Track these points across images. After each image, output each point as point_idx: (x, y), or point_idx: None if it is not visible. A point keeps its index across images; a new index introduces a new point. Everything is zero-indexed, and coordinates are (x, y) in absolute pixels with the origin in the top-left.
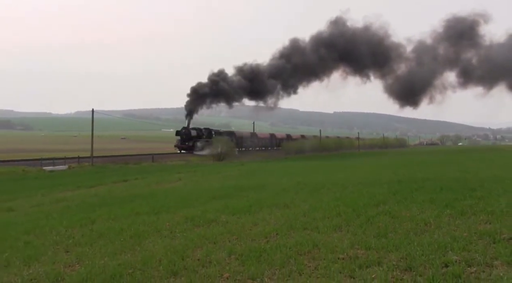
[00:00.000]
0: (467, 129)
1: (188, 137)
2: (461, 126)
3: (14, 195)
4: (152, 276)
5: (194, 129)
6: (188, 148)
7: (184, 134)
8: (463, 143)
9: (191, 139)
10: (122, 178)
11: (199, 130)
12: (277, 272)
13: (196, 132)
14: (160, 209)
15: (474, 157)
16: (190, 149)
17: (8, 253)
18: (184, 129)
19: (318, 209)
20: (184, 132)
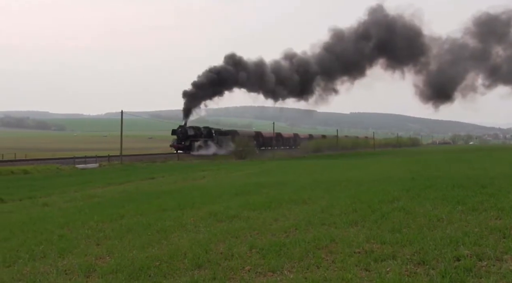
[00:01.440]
0: (478, 129)
1: (184, 136)
2: (472, 126)
3: (49, 191)
4: (178, 268)
5: (192, 128)
6: (184, 148)
7: (180, 133)
8: (474, 142)
9: (188, 139)
10: (149, 176)
11: (197, 129)
12: (296, 265)
13: (193, 131)
14: (185, 205)
15: (484, 155)
16: (187, 149)
17: (44, 246)
18: (180, 128)
19: (335, 205)
20: (181, 131)
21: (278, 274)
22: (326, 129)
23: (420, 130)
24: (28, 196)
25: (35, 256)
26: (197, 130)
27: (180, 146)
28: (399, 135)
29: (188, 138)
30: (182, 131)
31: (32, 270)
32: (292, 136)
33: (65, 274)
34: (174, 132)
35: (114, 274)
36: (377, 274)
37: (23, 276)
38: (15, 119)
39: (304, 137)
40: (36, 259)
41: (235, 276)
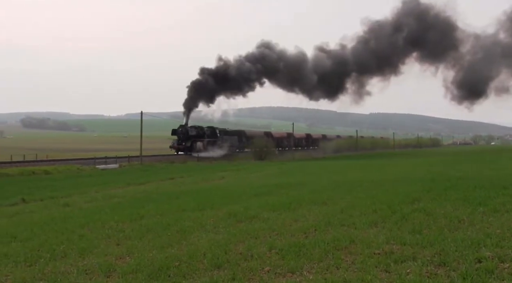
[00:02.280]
0: (500, 129)
1: (185, 136)
2: (494, 126)
3: (70, 192)
4: (197, 268)
5: (194, 128)
6: (185, 149)
7: (181, 133)
8: (496, 142)
9: (189, 139)
10: (169, 176)
11: (200, 129)
12: (316, 266)
13: (195, 131)
14: (204, 206)
15: (506, 156)
16: (188, 150)
17: (64, 245)
18: (181, 128)
19: (354, 206)
20: (181, 130)
21: (297, 275)
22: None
23: (441, 131)
24: (49, 196)
25: (56, 256)
26: (199, 130)
27: (181, 147)
28: (419, 135)
29: (190, 139)
30: (183, 131)
31: (53, 270)
32: (305, 136)
33: (86, 273)
34: (174, 132)
35: (134, 274)
36: (397, 276)
37: (44, 276)
38: (37, 120)
39: (300, 136)
40: (57, 258)
41: (255, 277)
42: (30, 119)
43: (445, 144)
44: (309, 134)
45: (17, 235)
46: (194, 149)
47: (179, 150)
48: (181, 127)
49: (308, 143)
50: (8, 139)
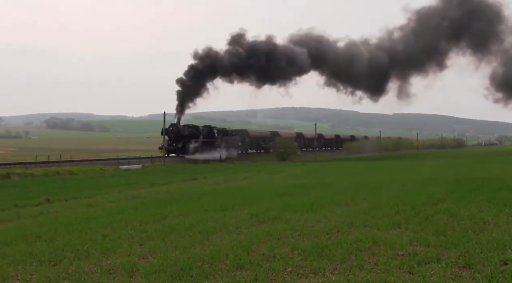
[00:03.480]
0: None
1: (177, 136)
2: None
3: (93, 192)
4: (220, 269)
5: (187, 127)
6: (177, 151)
7: (172, 133)
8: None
9: (181, 140)
10: (192, 177)
11: (195, 128)
12: (338, 267)
13: (188, 130)
14: (227, 206)
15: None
16: (180, 152)
17: (88, 245)
18: (172, 127)
19: (377, 207)
20: (172, 130)
21: (320, 276)
22: (369, 130)
23: (466, 131)
24: (73, 197)
25: (80, 255)
26: (194, 130)
27: (171, 148)
28: (443, 136)
29: (182, 139)
30: (174, 130)
31: (77, 269)
32: (316, 137)
33: (109, 273)
34: (164, 132)
35: (156, 274)
36: (421, 277)
37: (69, 275)
38: (61, 120)
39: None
40: (80, 258)
41: (277, 278)
42: (55, 120)
43: (470, 145)
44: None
45: (41, 234)
46: (187, 150)
47: (169, 152)
48: (172, 126)
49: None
50: (33, 139)
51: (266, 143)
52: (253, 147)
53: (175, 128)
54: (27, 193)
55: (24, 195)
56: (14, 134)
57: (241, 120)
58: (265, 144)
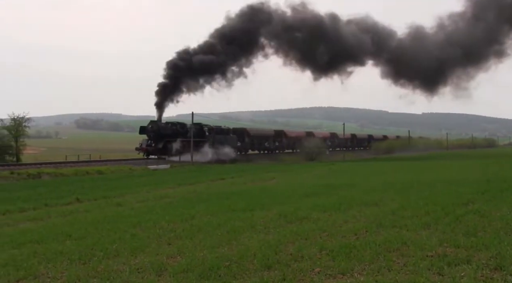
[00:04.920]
0: None
1: (157, 135)
2: None
3: (122, 192)
4: (247, 269)
5: (170, 125)
6: (157, 152)
7: (151, 131)
8: None
9: (161, 139)
10: (219, 177)
11: (180, 126)
12: (367, 267)
13: (171, 129)
14: (254, 206)
15: None
16: (161, 153)
17: (117, 244)
18: (151, 125)
19: (406, 207)
20: (151, 128)
21: (348, 277)
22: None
23: (497, 131)
24: (102, 196)
25: (109, 254)
26: (179, 128)
27: (150, 149)
28: (473, 136)
29: (163, 138)
30: (154, 128)
31: (106, 268)
32: (329, 136)
33: (138, 272)
34: (143, 130)
35: (185, 274)
36: (451, 279)
37: (98, 273)
38: (90, 121)
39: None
40: (109, 257)
41: (305, 278)
42: (85, 120)
43: (501, 145)
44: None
45: (71, 233)
46: (169, 151)
47: (148, 153)
48: (151, 123)
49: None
50: (63, 139)
51: (270, 143)
52: (254, 148)
53: (155, 126)
54: (57, 192)
55: (54, 194)
56: (45, 134)
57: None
58: (269, 144)
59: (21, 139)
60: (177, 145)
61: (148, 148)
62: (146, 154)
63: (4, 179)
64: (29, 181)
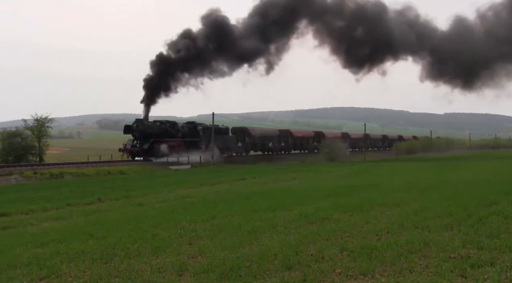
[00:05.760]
0: None
1: (143, 135)
2: None
3: (143, 192)
4: (268, 269)
5: (157, 123)
6: (143, 153)
7: (137, 131)
8: None
9: (147, 139)
10: (240, 177)
11: (171, 125)
12: (388, 269)
13: (159, 128)
14: (275, 206)
15: None
16: (147, 154)
17: (138, 244)
18: (136, 123)
19: (428, 208)
20: (137, 127)
21: (369, 278)
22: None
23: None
24: (124, 196)
25: (130, 254)
26: (169, 127)
27: (135, 150)
28: (497, 136)
29: (149, 139)
30: (140, 127)
31: (127, 267)
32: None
33: (159, 272)
34: (128, 130)
35: (206, 274)
36: (474, 281)
37: (119, 273)
38: (112, 121)
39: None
40: (131, 256)
41: (326, 279)
42: (106, 120)
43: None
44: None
45: (93, 233)
46: (156, 152)
47: (133, 154)
48: (137, 122)
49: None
50: (85, 139)
51: (274, 143)
52: (257, 148)
53: (140, 125)
54: (79, 192)
55: (76, 194)
56: (67, 134)
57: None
58: (273, 144)
59: (44, 139)
60: (166, 145)
61: (133, 149)
62: (131, 156)
63: (28, 179)
64: (52, 181)
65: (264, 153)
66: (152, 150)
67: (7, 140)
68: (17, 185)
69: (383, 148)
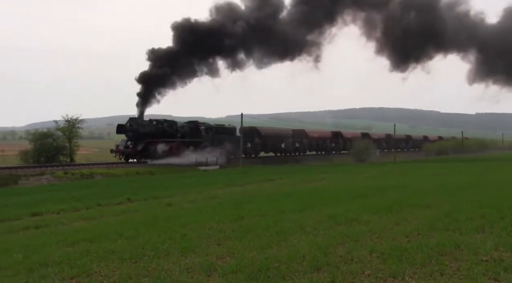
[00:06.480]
0: None
1: (136, 136)
2: None
3: (172, 192)
4: (297, 270)
5: (153, 122)
6: (136, 155)
7: (130, 130)
8: None
9: (141, 140)
10: (268, 178)
11: (169, 124)
12: (419, 271)
13: (156, 127)
14: (304, 207)
15: None
16: (142, 156)
17: (167, 244)
18: (130, 123)
19: (460, 210)
20: (130, 127)
21: (399, 280)
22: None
23: None
24: (153, 196)
25: (159, 254)
26: (167, 127)
27: (127, 151)
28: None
29: (143, 139)
30: (133, 127)
31: (156, 267)
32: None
33: (187, 272)
34: (121, 129)
35: (234, 274)
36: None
37: (149, 273)
38: None
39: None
40: (160, 256)
41: (355, 281)
42: None
43: None
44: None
45: (123, 232)
46: (151, 154)
47: (125, 155)
48: (130, 121)
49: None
50: (114, 140)
51: (287, 144)
52: (267, 149)
53: (134, 124)
54: (109, 192)
55: (106, 194)
56: (97, 135)
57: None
58: (286, 145)
59: (74, 140)
60: (162, 146)
61: (125, 150)
62: (123, 157)
63: (59, 179)
64: (82, 181)
65: (276, 154)
66: (146, 151)
67: (39, 141)
68: (48, 185)
69: (406, 149)
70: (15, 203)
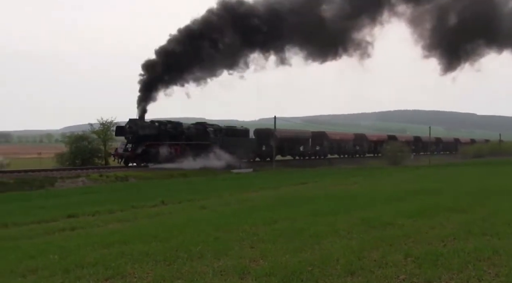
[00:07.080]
0: None
1: (136, 138)
2: None
3: (205, 195)
4: (330, 274)
5: (157, 124)
6: (135, 158)
7: (130, 132)
8: None
9: (141, 142)
10: (301, 181)
11: (172, 126)
12: (455, 276)
13: (158, 129)
14: (337, 211)
15: None
16: (142, 159)
17: (200, 247)
18: (129, 125)
19: (497, 214)
20: (130, 129)
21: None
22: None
23: None
24: (186, 199)
25: (193, 256)
26: (171, 128)
27: (126, 154)
28: None
29: (143, 141)
30: (133, 129)
31: (190, 269)
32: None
33: (221, 274)
34: (120, 131)
35: (267, 277)
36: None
37: (182, 275)
38: None
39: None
40: (193, 259)
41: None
42: None
43: None
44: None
45: (157, 235)
46: (153, 157)
47: (124, 159)
48: (130, 122)
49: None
50: None
51: (306, 147)
52: (284, 152)
53: (133, 126)
54: (143, 194)
55: (140, 196)
56: None
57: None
58: (305, 148)
59: (109, 142)
60: (164, 149)
61: (124, 154)
62: (123, 160)
63: (94, 182)
64: (117, 184)
65: (295, 157)
66: (146, 154)
67: (75, 143)
68: (84, 187)
69: (436, 152)
70: (51, 205)
